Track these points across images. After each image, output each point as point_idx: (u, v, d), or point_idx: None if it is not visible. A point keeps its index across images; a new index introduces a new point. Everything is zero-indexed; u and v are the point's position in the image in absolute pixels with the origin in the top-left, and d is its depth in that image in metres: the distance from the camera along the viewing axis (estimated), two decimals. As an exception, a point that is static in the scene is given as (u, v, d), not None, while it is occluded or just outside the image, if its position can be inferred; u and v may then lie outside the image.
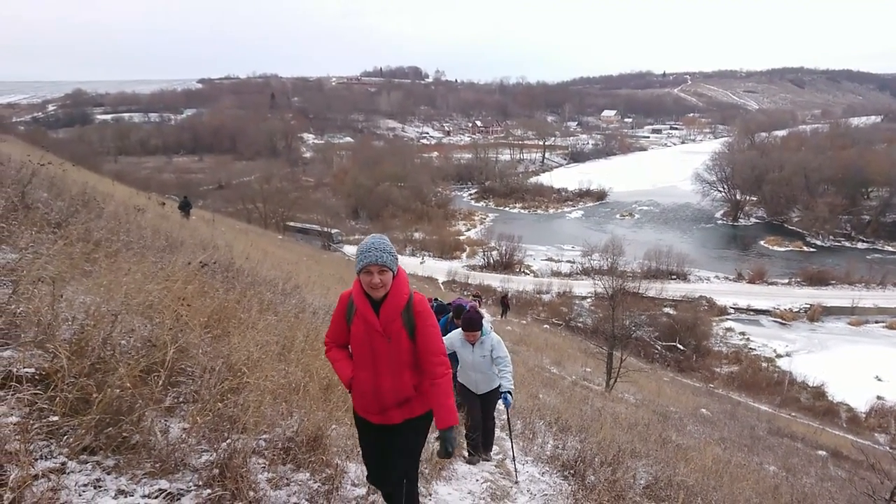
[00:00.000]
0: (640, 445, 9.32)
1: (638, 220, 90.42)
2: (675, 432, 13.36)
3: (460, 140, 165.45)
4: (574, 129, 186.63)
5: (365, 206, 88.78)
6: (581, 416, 10.74)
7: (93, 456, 3.28)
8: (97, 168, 48.26)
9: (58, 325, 4.11)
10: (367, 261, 3.35)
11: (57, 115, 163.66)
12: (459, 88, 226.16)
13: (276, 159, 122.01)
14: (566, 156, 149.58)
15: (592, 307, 48.67)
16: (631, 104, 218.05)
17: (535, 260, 65.98)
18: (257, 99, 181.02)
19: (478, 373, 6.27)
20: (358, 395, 3.62)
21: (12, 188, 8.08)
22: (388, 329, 3.42)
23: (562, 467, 6.72)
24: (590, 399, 14.67)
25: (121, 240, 8.01)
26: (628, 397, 18.68)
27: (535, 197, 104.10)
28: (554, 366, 20.96)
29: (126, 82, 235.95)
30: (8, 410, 3.23)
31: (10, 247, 5.84)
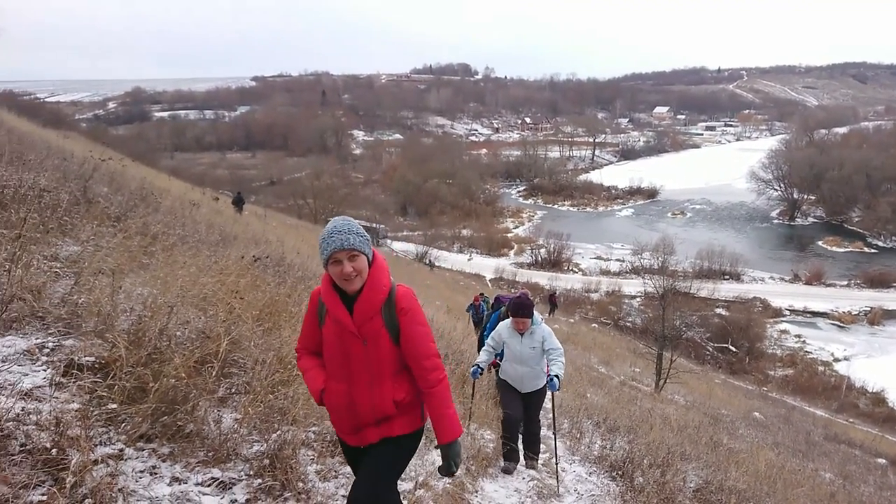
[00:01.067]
0: (691, 448, 9.15)
1: (690, 219, 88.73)
2: (726, 435, 13.09)
3: (509, 137, 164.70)
4: (625, 126, 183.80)
5: (413, 203, 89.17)
6: (629, 416, 10.61)
7: (149, 443, 3.38)
8: (154, 164, 49.64)
9: (117, 316, 4.24)
10: (333, 247, 2.67)
11: (117, 112, 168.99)
12: (509, 85, 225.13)
13: (327, 156, 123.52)
14: (617, 153, 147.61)
15: (642, 307, 47.98)
16: (684, 101, 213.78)
17: (584, 258, 65.36)
18: (309, 96, 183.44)
19: (525, 366, 5.76)
20: (329, 410, 3.01)
21: (75, 183, 8.37)
22: (365, 329, 2.78)
23: (609, 468, 6.65)
24: (638, 399, 14.49)
25: (177, 234, 8.22)
26: (678, 399, 18.39)
27: (585, 194, 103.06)
28: (602, 365, 20.75)
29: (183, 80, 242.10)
30: (70, 397, 3.35)
31: (72, 239, 6.04)
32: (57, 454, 2.87)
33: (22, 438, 2.89)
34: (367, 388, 2.85)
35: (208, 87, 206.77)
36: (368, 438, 2.94)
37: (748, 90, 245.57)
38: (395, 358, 2.86)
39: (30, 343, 3.79)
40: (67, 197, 7.15)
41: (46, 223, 5.82)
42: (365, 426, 2.92)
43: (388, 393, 2.87)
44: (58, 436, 2.96)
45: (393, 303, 2.81)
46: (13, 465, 2.72)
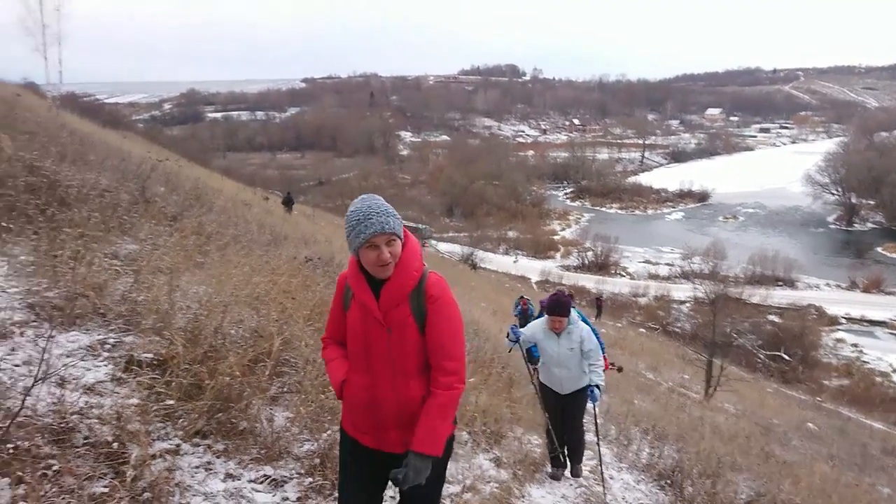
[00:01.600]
0: (742, 458, 8.97)
1: (742, 223, 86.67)
2: (778, 446, 12.80)
3: (557, 138, 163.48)
4: (676, 127, 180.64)
5: (459, 204, 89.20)
6: (678, 424, 10.44)
7: (204, 440, 3.46)
8: (207, 164, 50.76)
9: (174, 314, 4.36)
10: (372, 230, 2.40)
11: (172, 113, 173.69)
12: (557, 86, 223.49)
13: (374, 157, 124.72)
14: (667, 155, 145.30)
15: (691, 312, 47.05)
16: (737, 102, 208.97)
17: (632, 262, 64.44)
18: (357, 98, 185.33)
19: (562, 368, 5.46)
20: (347, 406, 2.72)
21: (134, 182, 8.63)
22: (390, 317, 2.52)
23: (658, 476, 6.55)
24: (687, 407, 14.26)
25: (230, 233, 8.40)
26: (728, 407, 18.03)
27: (633, 197, 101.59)
28: (650, 371, 20.46)
29: (235, 82, 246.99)
30: (130, 392, 3.45)
31: (131, 238, 6.24)
32: (118, 448, 2.97)
33: (85, 431, 2.99)
34: (391, 383, 2.57)
35: (260, 88, 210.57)
36: (389, 443, 2.63)
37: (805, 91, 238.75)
38: (422, 351, 2.56)
39: (92, 339, 3.93)
40: (127, 197, 7.37)
41: (107, 222, 6.02)
42: (386, 427, 2.62)
43: (414, 390, 2.57)
44: (119, 430, 3.06)
45: (423, 290, 2.53)
46: (77, 457, 2.82)
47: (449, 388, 2.53)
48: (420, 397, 2.56)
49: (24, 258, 4.77)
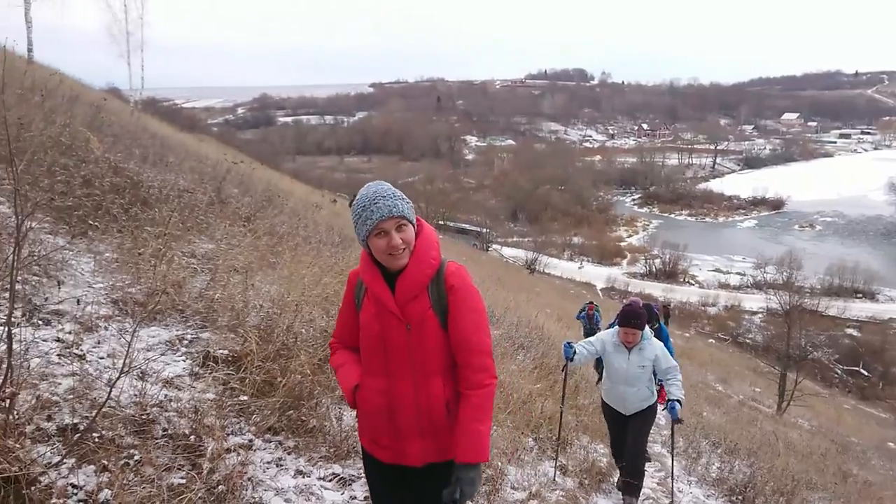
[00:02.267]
0: (817, 477, 8.63)
1: (819, 232, 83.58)
2: (856, 466, 12.28)
3: (625, 143, 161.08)
4: (750, 132, 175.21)
5: (524, 209, 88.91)
6: (749, 438, 10.12)
7: (276, 436, 3.53)
8: (278, 167, 52.02)
9: (248, 312, 4.48)
10: (379, 215, 2.21)
11: (245, 117, 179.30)
12: (626, 90, 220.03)
13: (440, 161, 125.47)
14: (740, 161, 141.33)
15: (764, 323, 45.62)
16: (816, 106, 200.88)
17: (701, 270, 62.97)
18: (424, 102, 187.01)
19: (629, 386, 5.00)
20: (362, 415, 2.47)
21: (210, 184, 8.91)
22: (409, 310, 2.29)
23: (729, 492, 6.36)
24: (759, 421, 13.83)
25: (301, 234, 8.57)
26: (802, 423, 17.41)
27: (704, 204, 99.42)
28: (719, 383, 19.91)
29: (305, 87, 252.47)
30: (206, 387, 3.56)
31: (207, 237, 6.44)
32: (194, 441, 3.05)
33: (164, 424, 3.09)
34: (411, 385, 2.33)
35: (329, 93, 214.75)
36: (409, 455, 2.39)
37: (889, 95, 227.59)
38: (445, 348, 2.34)
39: (171, 334, 4.07)
40: (204, 197, 7.61)
41: (186, 222, 6.24)
42: (405, 436, 2.37)
43: (438, 392, 2.33)
44: (195, 423, 3.15)
45: (442, 279, 2.32)
46: (157, 448, 2.92)
47: (481, 385, 2.31)
48: (443, 401, 2.34)
49: (109, 255, 4.98)
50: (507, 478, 4.44)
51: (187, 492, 2.65)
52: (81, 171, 6.01)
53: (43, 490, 2.35)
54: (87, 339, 3.60)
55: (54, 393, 2.91)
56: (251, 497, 2.97)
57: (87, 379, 3.11)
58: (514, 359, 7.80)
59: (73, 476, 2.50)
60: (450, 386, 2.36)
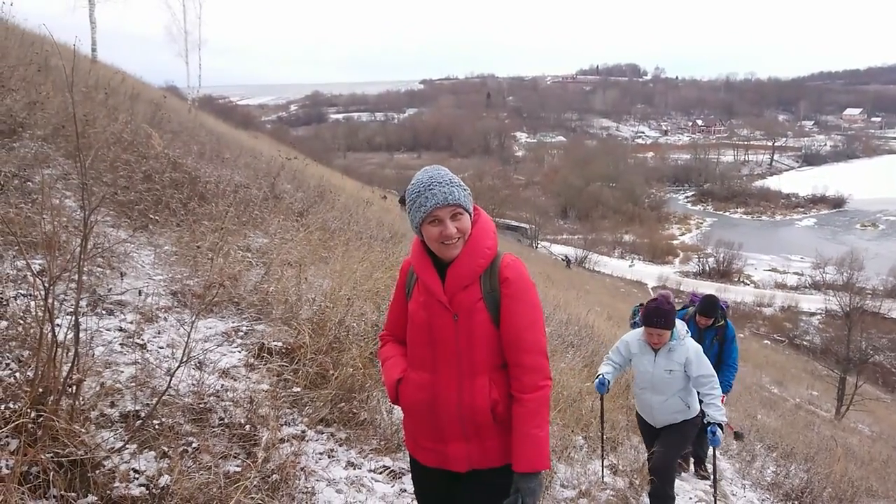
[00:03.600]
0: (878, 484, 8.34)
1: (883, 232, 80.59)
2: (921, 475, 11.77)
3: (678, 140, 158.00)
4: (809, 128, 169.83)
5: (574, 206, 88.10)
6: (806, 443, 9.85)
7: (328, 427, 3.59)
8: (329, 163, 52.70)
9: (301, 305, 4.56)
10: (434, 202, 2.11)
11: (297, 114, 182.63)
12: (680, 86, 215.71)
13: (489, 157, 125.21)
14: (798, 158, 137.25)
15: (822, 325, 44.26)
16: (881, 101, 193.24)
17: (757, 270, 61.41)
18: (474, 98, 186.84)
19: (657, 394, 4.40)
20: (406, 412, 2.38)
21: (264, 179, 9.08)
22: (458, 300, 2.17)
23: (784, 497, 6.21)
24: (816, 425, 13.46)
25: (352, 230, 8.67)
26: (862, 428, 16.86)
27: (760, 202, 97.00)
28: (774, 385, 19.40)
29: (356, 84, 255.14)
30: (260, 378, 3.64)
31: (261, 232, 6.56)
32: (249, 430, 3.13)
33: (220, 413, 3.17)
34: (455, 381, 2.19)
35: (379, 90, 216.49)
36: (452, 460, 2.26)
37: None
38: (494, 344, 2.19)
39: (227, 326, 4.17)
40: (258, 193, 7.76)
41: (241, 216, 6.37)
42: (447, 438, 2.24)
43: (484, 391, 2.18)
44: (250, 413, 3.22)
45: (497, 271, 2.19)
46: (213, 436, 2.99)
47: (535, 388, 2.16)
48: (488, 402, 2.18)
49: (168, 248, 5.13)
50: (556, 476, 4.42)
51: (243, 479, 2.71)
52: (142, 167, 6.21)
53: (106, 474, 2.44)
54: (148, 329, 3.72)
55: (117, 381, 3.01)
56: (304, 487, 3.02)
57: (147, 368, 3.21)
58: (564, 357, 7.75)
59: (135, 461, 2.59)
60: (498, 387, 2.20)
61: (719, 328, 5.89)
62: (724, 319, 5.94)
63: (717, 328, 5.89)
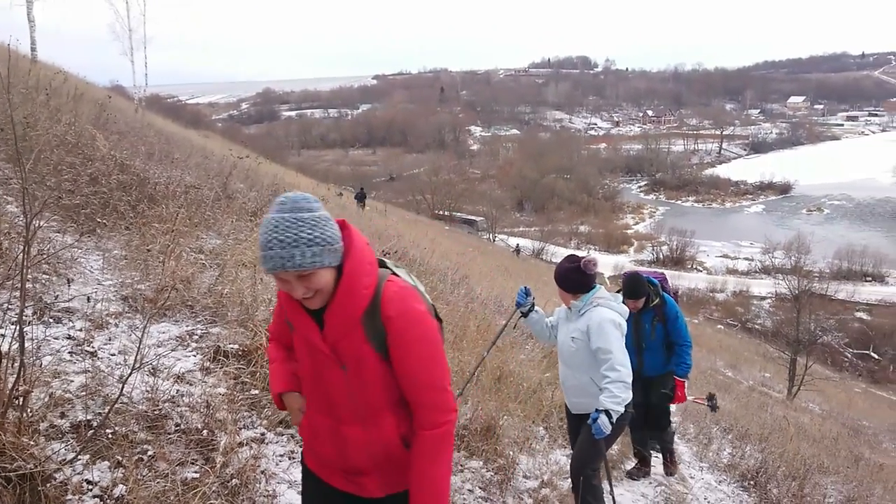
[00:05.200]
0: (829, 461, 8.61)
1: (828, 216, 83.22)
2: (868, 449, 12.25)
3: (630, 131, 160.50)
4: (755, 117, 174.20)
5: (530, 198, 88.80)
6: (760, 424, 10.10)
7: (288, 429, 3.54)
8: (283, 161, 52.10)
9: (257, 306, 4.49)
10: (270, 267, 1.80)
11: (249, 112, 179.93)
12: (630, 77, 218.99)
13: (444, 152, 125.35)
14: (746, 146, 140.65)
15: (772, 308, 45.59)
16: (822, 89, 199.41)
17: (709, 256, 62.83)
18: (427, 93, 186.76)
19: (567, 367, 3.91)
20: (309, 436, 2.16)
21: (216, 179, 8.92)
22: (341, 349, 1.95)
23: (741, 477, 6.36)
24: (769, 406, 13.81)
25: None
26: (813, 407, 17.39)
27: (710, 190, 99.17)
28: (728, 369, 19.87)
29: (309, 80, 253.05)
30: (217, 382, 3.57)
31: (215, 233, 6.45)
32: (207, 435, 3.07)
33: (177, 419, 3.11)
34: (360, 424, 2.02)
35: (332, 86, 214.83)
36: (367, 488, 2.09)
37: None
38: (391, 383, 2.00)
39: (181, 330, 4.08)
40: (210, 193, 7.62)
41: (193, 218, 6.24)
42: (362, 472, 2.07)
43: (391, 431, 2.02)
44: (208, 418, 3.17)
45: (377, 308, 1.93)
46: (170, 443, 2.93)
47: (434, 425, 1.97)
48: (398, 437, 2.02)
49: (117, 252, 5.00)
50: (519, 467, 4.45)
51: (201, 486, 2.66)
52: (88, 169, 6.03)
53: (58, 487, 2.37)
54: (98, 336, 3.62)
55: (67, 390, 2.92)
56: (265, 490, 2.98)
57: (99, 376, 3.12)
58: (524, 348, 7.80)
59: (88, 472, 2.52)
60: (406, 421, 2.04)
61: (656, 307, 5.19)
62: (658, 297, 5.21)
63: (653, 308, 5.17)
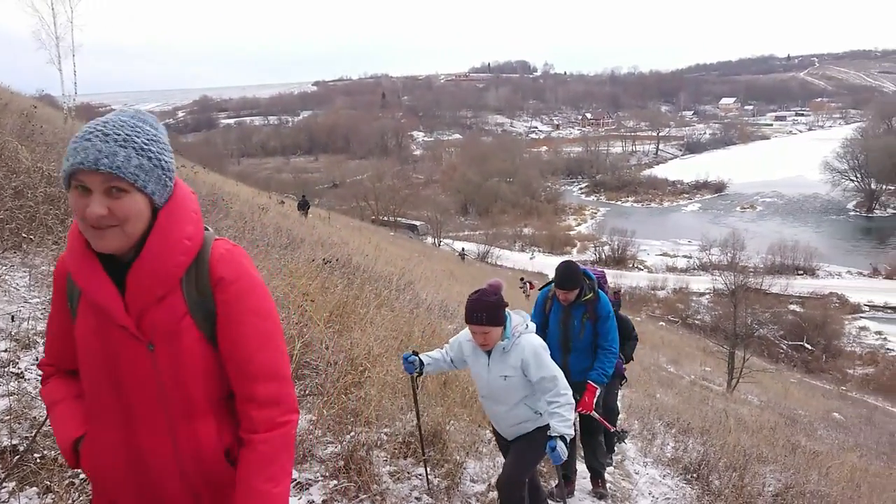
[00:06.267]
0: (768, 450, 8.87)
1: (760, 213, 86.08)
2: (804, 437, 12.67)
3: (570, 133, 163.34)
4: (690, 118, 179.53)
5: (474, 202, 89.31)
6: (702, 417, 10.36)
7: (228, 444, 3.45)
8: (222, 170, 51.19)
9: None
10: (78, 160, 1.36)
11: (186, 120, 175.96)
12: (568, 81, 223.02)
13: (387, 157, 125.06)
14: (681, 147, 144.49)
15: (711, 304, 46.75)
16: (752, 91, 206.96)
17: (649, 255, 64.18)
18: (369, 99, 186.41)
19: (498, 404, 3.53)
20: (95, 479, 1.62)
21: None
22: (149, 320, 1.46)
23: (684, 470, 6.50)
24: (710, 400, 14.16)
25: (247, 238, 8.42)
26: (752, 399, 17.89)
27: (649, 190, 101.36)
28: (671, 364, 20.32)
29: (248, 87, 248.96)
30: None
31: (150, 246, 6.26)
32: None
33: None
34: (167, 429, 1.50)
35: (271, 93, 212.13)
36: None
37: (820, 77, 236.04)
38: (214, 372, 1.54)
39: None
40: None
41: (126, 230, 6.05)
42: (171, 500, 1.56)
43: (211, 436, 1.54)
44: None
45: (205, 268, 1.50)
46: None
47: (272, 426, 1.52)
48: (221, 449, 1.55)
49: (45, 268, 4.81)
50: (466, 471, 4.45)
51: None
52: (12, 183, 5.78)
53: (-18, 517, 2.26)
54: (25, 356, 3.47)
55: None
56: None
57: (25, 398, 2.99)
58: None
59: (15, 499, 2.41)
60: (231, 426, 1.58)
61: (588, 303, 4.69)
62: (592, 291, 4.74)
63: (585, 303, 4.69)
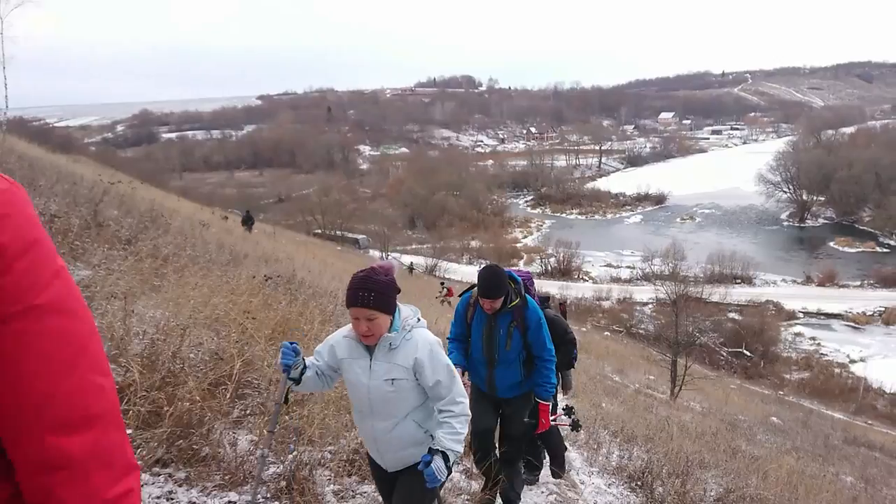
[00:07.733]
0: (710, 456, 9.05)
1: (699, 224, 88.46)
2: (744, 441, 12.96)
3: (515, 147, 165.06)
4: (631, 132, 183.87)
5: (421, 216, 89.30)
6: (646, 425, 10.51)
7: (165, 468, 3.36)
8: (163, 185, 49.92)
9: (130, 340, 4.24)
10: None
11: (125, 134, 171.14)
12: (513, 96, 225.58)
13: (334, 172, 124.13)
14: (623, 160, 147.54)
15: (654, 313, 47.67)
16: (689, 105, 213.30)
17: (594, 266, 65.15)
18: (314, 113, 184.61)
19: (379, 419, 2.81)
20: None
21: (85, 207, 8.42)
22: None
23: (628, 478, 6.57)
24: (654, 408, 14.37)
25: (187, 255, 8.24)
26: (694, 405, 18.24)
27: (593, 202, 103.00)
28: (616, 374, 20.60)
29: (189, 101, 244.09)
30: (85, 423, 3.33)
31: (84, 263, 6.07)
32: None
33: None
34: None
35: (215, 107, 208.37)
36: None
37: (753, 93, 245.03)
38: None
39: (44, 370, 3.78)
40: (78, 221, 7.18)
41: (58, 248, 5.84)
42: None
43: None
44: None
45: None
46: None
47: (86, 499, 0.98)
48: None
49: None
50: None
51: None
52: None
53: None
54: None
55: None
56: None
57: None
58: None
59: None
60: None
61: (515, 309, 4.13)
62: (519, 296, 4.18)
63: (511, 310, 4.12)
